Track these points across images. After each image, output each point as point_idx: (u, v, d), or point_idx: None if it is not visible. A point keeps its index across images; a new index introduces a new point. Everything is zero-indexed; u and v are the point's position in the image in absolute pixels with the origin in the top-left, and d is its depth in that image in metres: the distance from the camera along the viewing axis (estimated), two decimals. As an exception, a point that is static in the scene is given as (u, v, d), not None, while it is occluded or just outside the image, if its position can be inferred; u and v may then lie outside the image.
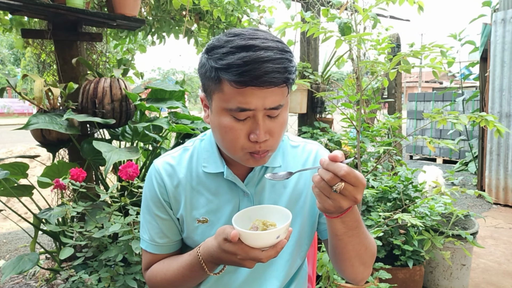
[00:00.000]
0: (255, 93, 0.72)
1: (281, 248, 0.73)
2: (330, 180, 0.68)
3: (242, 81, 0.70)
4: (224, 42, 0.73)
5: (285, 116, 0.81)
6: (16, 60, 23.58)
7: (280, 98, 0.75)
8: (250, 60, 0.70)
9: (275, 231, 0.71)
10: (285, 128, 0.82)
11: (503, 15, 4.54)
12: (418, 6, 1.96)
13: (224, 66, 0.71)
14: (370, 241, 0.88)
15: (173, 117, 2.44)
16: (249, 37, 0.73)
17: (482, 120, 1.73)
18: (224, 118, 0.77)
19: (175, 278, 0.89)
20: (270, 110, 0.75)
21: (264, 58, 0.70)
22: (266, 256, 0.72)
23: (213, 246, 0.78)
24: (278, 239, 0.72)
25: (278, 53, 0.72)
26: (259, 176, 0.91)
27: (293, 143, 0.98)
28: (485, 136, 4.96)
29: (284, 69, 0.72)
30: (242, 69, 0.70)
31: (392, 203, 2.38)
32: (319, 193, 0.71)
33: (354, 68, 3.40)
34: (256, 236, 0.72)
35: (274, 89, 0.73)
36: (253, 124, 0.76)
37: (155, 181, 0.92)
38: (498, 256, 3.15)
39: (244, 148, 0.79)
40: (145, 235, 0.95)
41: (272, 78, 0.71)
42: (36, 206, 2.13)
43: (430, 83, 24.15)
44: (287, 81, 0.74)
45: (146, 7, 2.86)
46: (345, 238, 0.80)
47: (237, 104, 0.73)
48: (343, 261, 0.86)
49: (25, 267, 1.62)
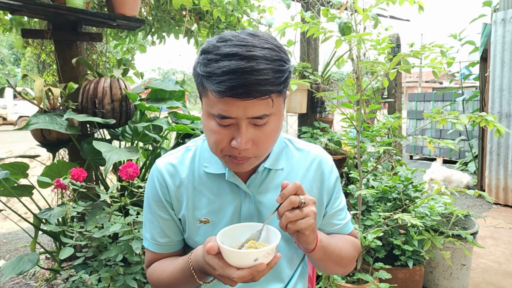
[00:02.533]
0: (235, 103, 0.70)
1: (257, 272, 0.69)
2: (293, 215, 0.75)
3: (219, 91, 0.69)
4: (212, 48, 0.72)
5: (274, 124, 0.77)
6: (16, 60, 23.57)
7: (264, 108, 0.72)
8: (228, 71, 0.67)
9: (253, 252, 0.69)
10: (275, 136, 0.80)
11: (503, 15, 4.54)
12: (418, 6, 1.96)
13: (206, 74, 0.71)
14: (346, 249, 0.96)
15: (173, 117, 2.44)
16: (235, 44, 0.70)
17: (482, 120, 1.73)
18: (210, 122, 0.77)
19: (169, 281, 0.89)
20: (253, 119, 0.73)
21: (244, 69, 0.67)
22: (239, 276, 0.69)
23: (200, 255, 0.78)
24: (255, 262, 0.69)
25: (263, 63, 0.69)
26: (261, 178, 0.91)
27: (298, 145, 0.97)
28: (485, 136, 4.96)
29: (266, 81, 0.69)
30: (219, 79, 0.68)
31: (392, 203, 2.38)
32: (294, 229, 0.76)
33: (354, 68, 3.40)
34: (231, 253, 0.69)
35: (254, 101, 0.70)
36: (236, 131, 0.75)
37: (157, 181, 0.92)
38: (498, 256, 3.15)
39: (223, 151, 0.79)
40: (147, 234, 0.96)
41: (250, 90, 0.68)
42: (36, 206, 2.13)
43: (430, 83, 24.15)
44: (269, 93, 0.70)
45: (146, 7, 2.86)
46: (324, 258, 0.89)
47: (218, 111, 0.72)
48: (324, 270, 0.97)
49: (25, 268, 1.61)
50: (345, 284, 1.95)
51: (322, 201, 0.95)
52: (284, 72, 0.73)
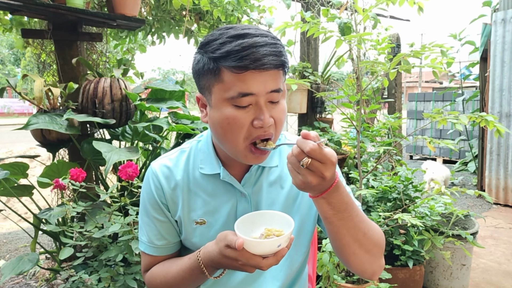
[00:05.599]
0: (255, 78, 0.74)
1: (281, 257, 0.74)
2: (297, 155, 0.69)
3: (242, 66, 0.72)
4: (218, 35, 0.76)
5: (284, 104, 0.82)
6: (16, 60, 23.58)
7: (278, 82, 0.77)
8: (247, 45, 0.72)
9: (277, 239, 0.72)
10: (285, 117, 0.84)
11: (503, 15, 4.54)
12: (418, 6, 1.96)
13: (223, 54, 0.73)
14: (370, 227, 0.82)
15: (173, 117, 2.44)
16: (241, 28, 0.76)
17: (482, 120, 1.73)
18: (226, 109, 0.77)
19: (175, 281, 0.89)
20: (271, 93, 0.76)
21: (261, 43, 0.73)
22: (267, 264, 0.73)
23: (214, 251, 0.78)
24: (279, 248, 0.73)
25: (272, 39, 0.76)
26: (256, 177, 0.91)
27: (290, 142, 0.97)
28: (485, 136, 4.96)
29: (280, 53, 0.75)
30: (241, 54, 0.72)
31: (392, 203, 2.38)
32: (290, 168, 0.73)
33: (354, 68, 3.40)
34: (258, 244, 0.72)
35: (273, 72, 0.75)
36: (256, 110, 0.77)
37: (153, 184, 0.92)
38: (498, 256, 3.15)
39: (249, 136, 0.78)
40: (143, 237, 0.95)
41: (271, 60, 0.73)
42: (36, 206, 2.13)
43: (430, 83, 24.14)
44: (284, 64, 0.77)
45: (146, 7, 2.86)
46: (335, 221, 0.76)
47: (238, 90, 0.74)
48: (342, 248, 0.81)
49: (25, 268, 1.61)
50: (345, 284, 1.95)
51: None
52: (285, 55, 0.79)
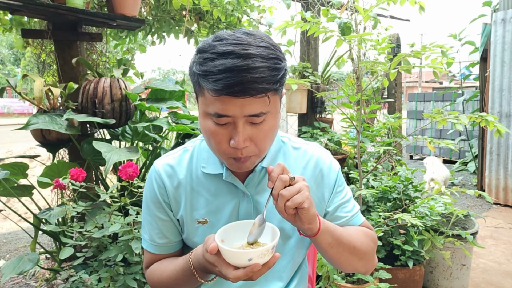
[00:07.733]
0: (231, 101, 0.71)
1: (251, 272, 0.69)
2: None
3: (216, 90, 0.69)
4: (208, 47, 0.72)
5: (271, 122, 0.77)
6: (16, 60, 23.57)
7: (260, 106, 0.72)
8: (224, 69, 0.68)
9: (247, 252, 0.69)
10: (273, 134, 0.80)
11: (503, 15, 4.54)
12: (419, 6, 1.96)
13: (202, 73, 0.71)
14: (359, 238, 0.90)
15: (173, 117, 2.44)
16: (231, 43, 0.70)
17: (482, 120, 1.73)
18: (207, 122, 0.77)
19: (169, 281, 0.89)
20: (250, 117, 0.73)
21: (241, 67, 0.67)
22: (234, 276, 0.70)
23: (200, 254, 0.79)
24: (250, 262, 0.69)
25: (259, 61, 0.69)
26: (259, 177, 0.90)
27: (295, 144, 0.96)
28: (485, 136, 4.96)
29: (262, 79, 0.69)
30: (216, 77, 0.69)
31: (392, 203, 2.38)
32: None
33: (354, 68, 3.39)
34: (227, 252, 0.70)
35: (251, 99, 0.70)
36: (233, 130, 0.75)
37: (155, 182, 0.92)
38: (498, 256, 3.15)
39: (226, 153, 0.78)
40: (145, 235, 0.96)
41: (247, 88, 0.68)
42: (36, 206, 2.13)
43: (430, 83, 24.14)
44: (265, 91, 0.71)
45: (146, 7, 2.86)
46: (328, 250, 0.85)
47: (215, 110, 0.73)
48: (336, 263, 0.90)
49: (25, 268, 1.61)
50: (345, 284, 1.95)
51: (323, 198, 0.94)
52: (280, 70, 0.73)
